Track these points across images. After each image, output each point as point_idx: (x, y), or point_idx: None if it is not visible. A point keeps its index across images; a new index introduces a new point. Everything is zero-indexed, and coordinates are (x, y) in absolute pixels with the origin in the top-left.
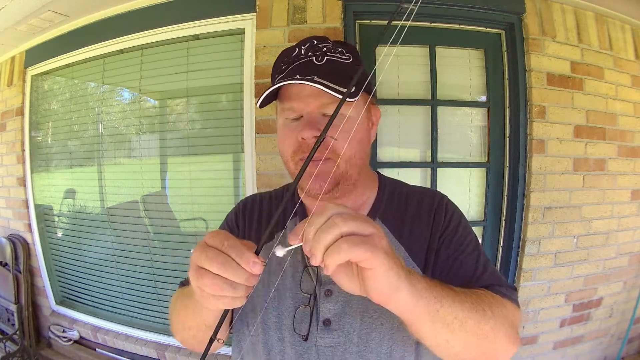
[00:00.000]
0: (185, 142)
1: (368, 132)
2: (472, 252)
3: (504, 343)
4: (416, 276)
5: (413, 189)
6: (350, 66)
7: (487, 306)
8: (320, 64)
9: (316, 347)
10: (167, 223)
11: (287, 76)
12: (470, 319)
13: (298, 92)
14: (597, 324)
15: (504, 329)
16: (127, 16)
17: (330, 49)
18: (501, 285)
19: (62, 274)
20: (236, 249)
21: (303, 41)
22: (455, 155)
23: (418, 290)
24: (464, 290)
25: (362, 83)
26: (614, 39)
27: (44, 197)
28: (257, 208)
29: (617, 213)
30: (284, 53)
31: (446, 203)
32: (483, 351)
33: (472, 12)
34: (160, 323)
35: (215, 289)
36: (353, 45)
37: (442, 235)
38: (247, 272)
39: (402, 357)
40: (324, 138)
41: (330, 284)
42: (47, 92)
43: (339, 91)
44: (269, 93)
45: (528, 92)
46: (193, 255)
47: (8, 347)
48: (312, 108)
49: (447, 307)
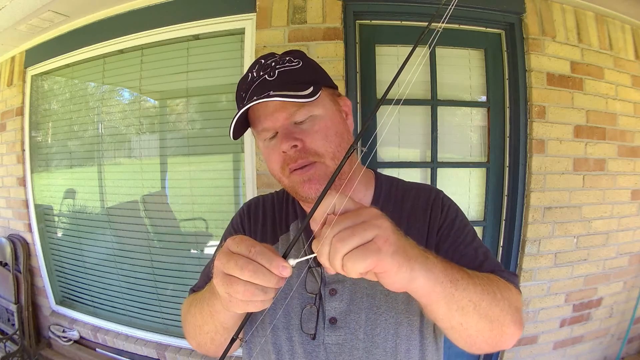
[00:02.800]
0: (185, 142)
1: (344, 123)
2: (471, 243)
3: (511, 326)
4: (432, 260)
5: (409, 185)
6: (301, 69)
7: (496, 289)
8: (273, 78)
9: (324, 345)
10: (167, 223)
11: (247, 101)
12: (483, 302)
13: (264, 111)
14: (597, 324)
15: (511, 312)
16: (127, 16)
17: (278, 62)
18: (503, 271)
19: (62, 274)
20: (265, 255)
21: (252, 65)
22: (455, 155)
23: (435, 275)
24: (475, 273)
25: (320, 81)
26: (614, 39)
27: (44, 197)
28: (261, 210)
29: (617, 213)
30: (240, 83)
31: (442, 198)
32: (494, 334)
33: (472, 12)
34: (160, 323)
35: (247, 295)
36: (299, 50)
37: (440, 229)
38: (277, 276)
39: (407, 351)
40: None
41: (335, 284)
42: (47, 92)
43: (298, 96)
44: (236, 123)
45: (528, 92)
46: (217, 262)
47: (8, 347)
48: (282, 121)
49: (461, 290)
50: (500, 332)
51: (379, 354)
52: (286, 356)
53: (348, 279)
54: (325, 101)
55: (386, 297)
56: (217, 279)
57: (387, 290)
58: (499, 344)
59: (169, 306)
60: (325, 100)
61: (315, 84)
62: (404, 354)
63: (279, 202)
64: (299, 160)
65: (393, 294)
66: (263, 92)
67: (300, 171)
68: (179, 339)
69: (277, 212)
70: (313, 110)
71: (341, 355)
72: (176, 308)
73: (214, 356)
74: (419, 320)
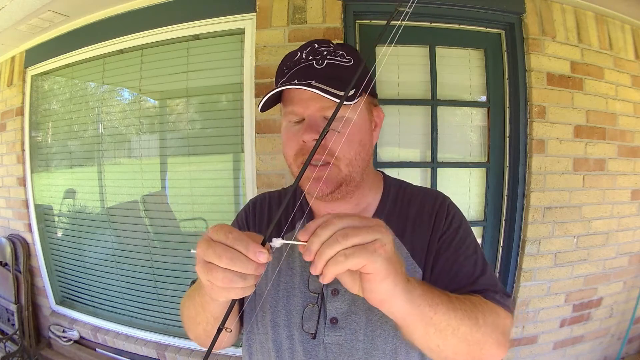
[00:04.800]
0: (185, 142)
1: (370, 134)
2: (471, 255)
3: (493, 348)
4: (413, 283)
5: (416, 189)
6: (350, 69)
7: (480, 314)
8: (321, 67)
9: (324, 345)
10: (167, 223)
11: (288, 80)
12: (463, 326)
13: (299, 95)
14: (597, 324)
15: (495, 335)
16: (127, 16)
17: (330, 52)
18: (496, 291)
19: (62, 274)
20: (242, 241)
21: (304, 45)
22: (455, 155)
23: (414, 298)
24: (458, 297)
25: (363, 85)
26: (614, 39)
27: (44, 197)
28: (267, 207)
29: (617, 213)
30: (286, 57)
31: (448, 205)
32: (472, 356)
33: (472, 12)
34: (160, 323)
35: (226, 282)
36: (354, 48)
37: (442, 237)
38: (255, 263)
39: (407, 353)
40: (322, 139)
41: (337, 284)
42: (47, 92)
43: (336, 95)
44: (269, 97)
45: (528, 92)
46: (198, 250)
47: (8, 347)
48: (312, 111)
49: (441, 314)
50: (479, 354)
51: (379, 356)
52: (286, 354)
53: None
54: (361, 107)
55: None
56: (198, 267)
57: None
58: None
59: (169, 306)
60: (361, 106)
61: (359, 87)
62: (403, 357)
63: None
64: (315, 156)
65: None
66: (306, 77)
67: (311, 167)
68: (179, 339)
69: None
70: (346, 112)
71: (340, 356)
72: (176, 308)
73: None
74: None
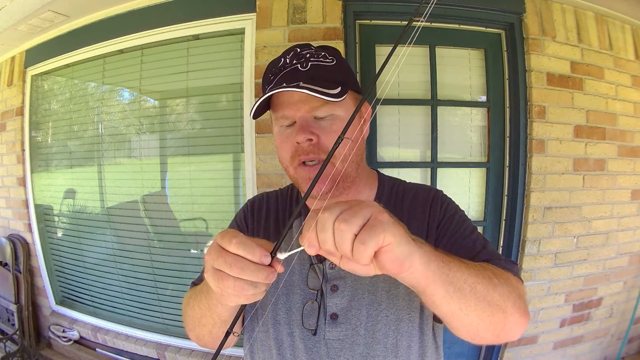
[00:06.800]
0: (185, 142)
1: (360, 128)
2: (469, 235)
3: (515, 314)
4: (421, 241)
5: (410, 185)
6: (334, 68)
7: (491, 274)
8: (305, 69)
9: (325, 341)
10: (167, 223)
11: (275, 85)
12: (479, 284)
13: (288, 99)
14: (597, 324)
15: (512, 298)
16: (127, 16)
17: (313, 55)
18: (500, 259)
19: (62, 274)
20: (247, 246)
21: (287, 51)
22: (455, 155)
23: (427, 253)
24: (466, 260)
25: (348, 83)
26: (614, 39)
27: (44, 197)
28: (265, 207)
29: (617, 213)
30: (271, 64)
31: (441, 196)
32: (496, 320)
33: (472, 12)
34: (160, 323)
35: (237, 290)
36: (335, 48)
37: (439, 226)
38: (266, 270)
39: (408, 347)
40: (342, 139)
41: (336, 280)
42: (47, 92)
43: (326, 93)
44: (260, 104)
45: (528, 92)
46: (208, 257)
47: (8, 347)
48: (302, 113)
49: (455, 270)
50: (502, 318)
51: (380, 350)
52: (287, 351)
53: (349, 275)
54: (349, 104)
55: (387, 294)
56: (208, 274)
57: (388, 287)
58: (503, 332)
59: (169, 306)
60: (349, 103)
61: (344, 85)
62: (404, 350)
63: (283, 200)
64: (310, 155)
65: (394, 290)
66: (293, 80)
67: (308, 168)
68: (179, 339)
69: (281, 209)
70: (335, 110)
71: (342, 351)
72: (176, 308)
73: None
74: (419, 317)
